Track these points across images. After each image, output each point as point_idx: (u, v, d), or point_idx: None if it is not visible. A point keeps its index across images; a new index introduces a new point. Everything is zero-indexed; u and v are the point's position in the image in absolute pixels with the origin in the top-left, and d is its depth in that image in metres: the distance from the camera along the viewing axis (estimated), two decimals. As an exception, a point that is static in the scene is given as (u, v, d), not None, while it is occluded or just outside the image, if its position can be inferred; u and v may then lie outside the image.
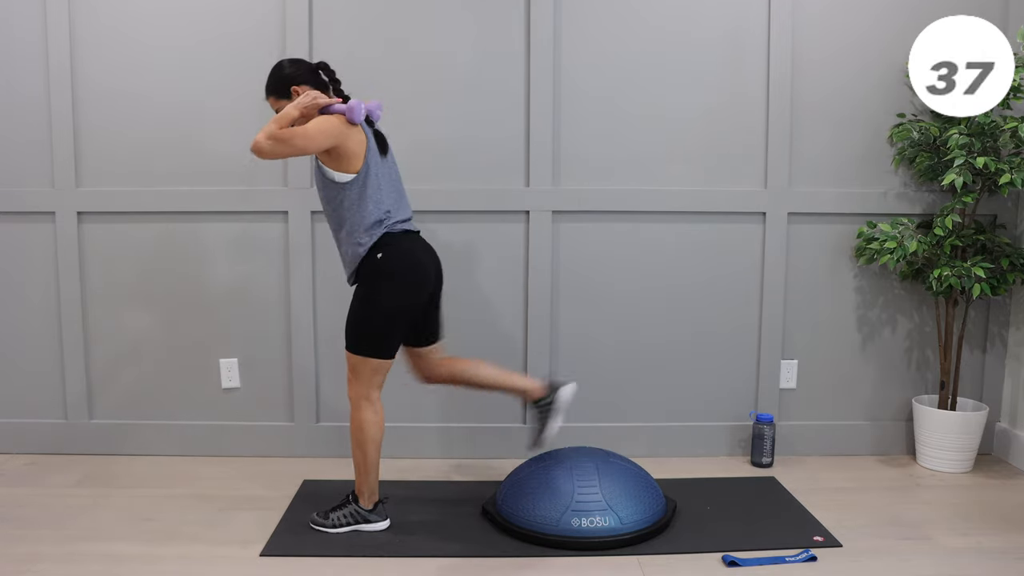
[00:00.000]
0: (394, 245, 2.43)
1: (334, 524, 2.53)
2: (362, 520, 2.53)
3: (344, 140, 2.33)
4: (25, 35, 3.06)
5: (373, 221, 2.41)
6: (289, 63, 2.48)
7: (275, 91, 2.48)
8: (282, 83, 2.46)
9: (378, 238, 2.42)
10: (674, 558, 2.37)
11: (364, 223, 2.40)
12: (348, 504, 2.55)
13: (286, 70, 2.46)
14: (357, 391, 2.47)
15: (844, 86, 3.13)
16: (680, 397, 3.25)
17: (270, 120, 2.26)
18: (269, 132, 2.23)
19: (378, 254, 2.41)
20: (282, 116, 2.28)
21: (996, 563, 2.34)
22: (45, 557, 2.35)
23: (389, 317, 2.42)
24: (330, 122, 2.31)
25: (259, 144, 2.22)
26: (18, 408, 3.24)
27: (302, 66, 2.48)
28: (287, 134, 2.24)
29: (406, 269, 2.43)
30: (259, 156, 2.25)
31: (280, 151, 2.24)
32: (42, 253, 3.16)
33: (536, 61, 3.06)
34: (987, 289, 2.92)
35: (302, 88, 2.45)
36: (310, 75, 2.48)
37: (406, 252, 2.45)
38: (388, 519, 2.57)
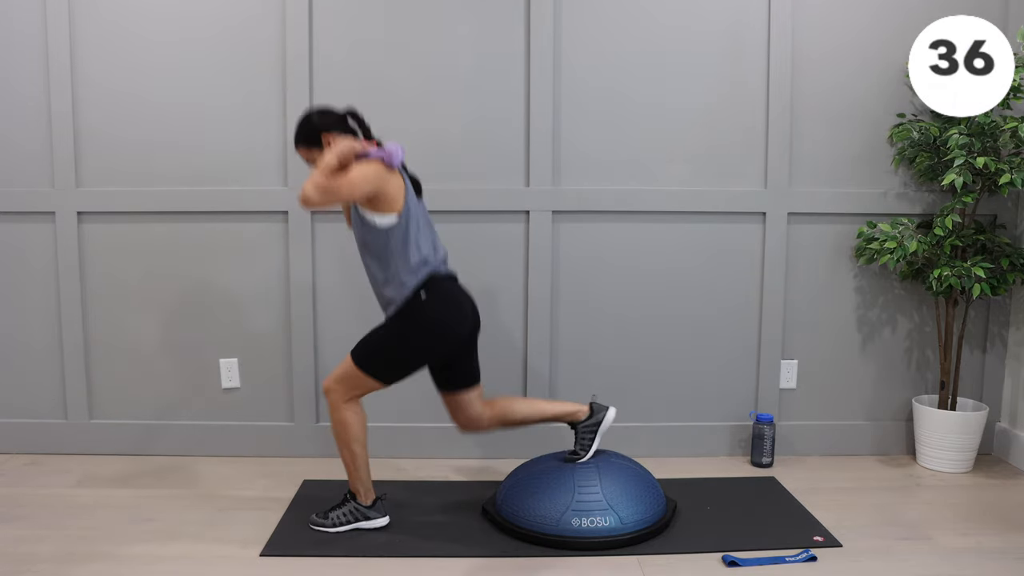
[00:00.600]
0: (438, 288, 2.44)
1: (334, 523, 2.53)
2: (362, 517, 2.53)
3: (385, 185, 2.34)
4: (25, 35, 3.06)
5: (417, 262, 2.42)
6: (318, 113, 2.46)
7: (306, 141, 2.46)
8: (313, 133, 2.45)
9: (424, 278, 2.43)
10: (674, 558, 2.37)
11: (409, 264, 2.41)
12: (347, 503, 2.55)
13: (315, 120, 2.45)
14: (340, 394, 2.47)
15: (844, 86, 3.13)
16: (680, 397, 3.25)
17: (313, 171, 2.28)
18: (316, 183, 2.24)
19: (422, 294, 2.42)
20: (324, 167, 2.28)
21: (996, 563, 2.34)
22: (45, 557, 2.35)
23: (410, 358, 2.45)
24: (371, 168, 2.32)
25: (308, 195, 2.24)
26: (18, 408, 3.24)
27: (331, 115, 2.47)
28: (333, 184, 2.25)
29: (446, 316, 2.44)
30: (307, 206, 2.26)
31: (328, 200, 2.26)
32: (42, 253, 3.16)
33: (536, 61, 3.06)
34: (987, 289, 2.92)
35: (332, 136, 2.44)
36: (339, 122, 2.47)
37: (449, 298, 2.46)
38: (387, 516, 2.58)
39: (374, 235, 2.40)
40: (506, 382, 3.21)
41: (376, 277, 2.46)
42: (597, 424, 2.59)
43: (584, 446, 2.58)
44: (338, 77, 3.07)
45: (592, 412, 2.61)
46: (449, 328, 2.45)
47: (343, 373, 2.47)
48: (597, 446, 2.61)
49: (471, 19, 3.07)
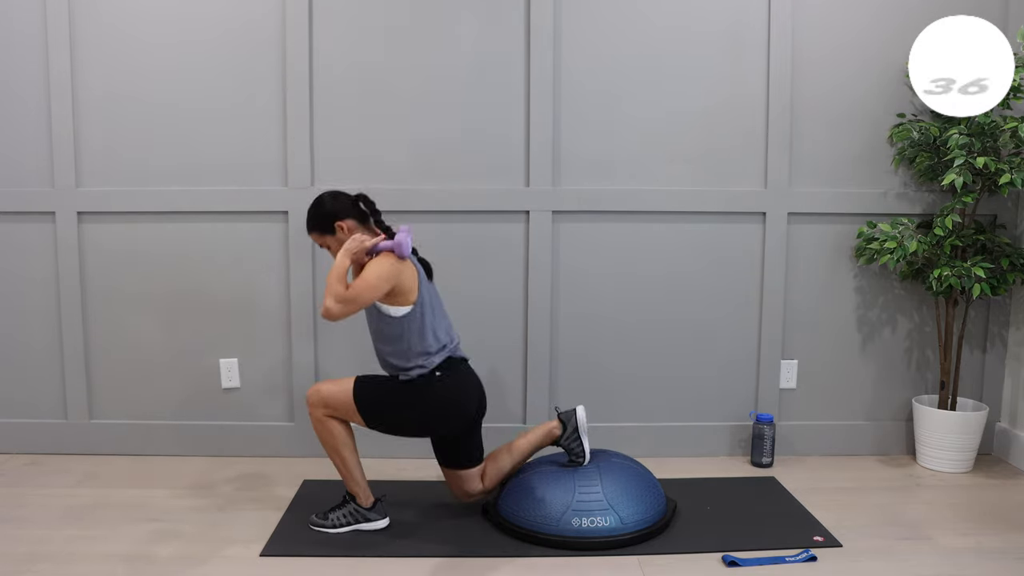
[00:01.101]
0: (454, 370, 2.50)
1: (334, 524, 2.53)
2: (361, 519, 2.54)
3: (399, 278, 2.37)
4: (25, 36, 3.06)
5: (437, 348, 2.47)
6: (330, 198, 2.49)
7: (318, 227, 2.49)
8: (325, 219, 2.47)
9: (441, 361, 2.47)
10: (674, 558, 2.37)
11: (428, 350, 2.45)
12: (347, 504, 2.55)
13: (327, 206, 2.47)
14: (324, 410, 2.46)
15: (844, 86, 3.13)
16: (680, 397, 3.25)
17: (329, 277, 2.33)
18: (337, 295, 2.29)
19: (437, 372, 2.46)
20: (337, 274, 2.33)
21: (996, 563, 2.34)
22: (45, 557, 2.35)
23: (405, 425, 2.50)
24: (385, 265, 2.35)
25: (330, 310, 2.29)
26: (18, 408, 3.24)
27: (341, 199, 2.49)
28: (352, 294, 2.30)
29: (455, 396, 2.50)
30: (330, 319, 2.31)
31: (350, 310, 2.31)
32: (42, 253, 3.16)
33: (536, 61, 3.06)
34: (987, 289, 2.92)
35: (345, 222, 2.46)
36: (351, 208, 2.49)
37: (461, 380, 2.52)
38: (387, 517, 2.58)
39: (390, 325, 2.44)
40: (506, 382, 3.21)
41: (392, 365, 2.49)
42: (575, 430, 2.60)
43: (577, 453, 2.58)
44: (338, 79, 3.07)
45: (564, 423, 2.63)
46: (455, 409, 2.50)
47: (334, 396, 2.46)
48: (589, 445, 2.61)
49: (471, 20, 3.07)
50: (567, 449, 2.60)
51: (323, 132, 3.10)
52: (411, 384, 2.46)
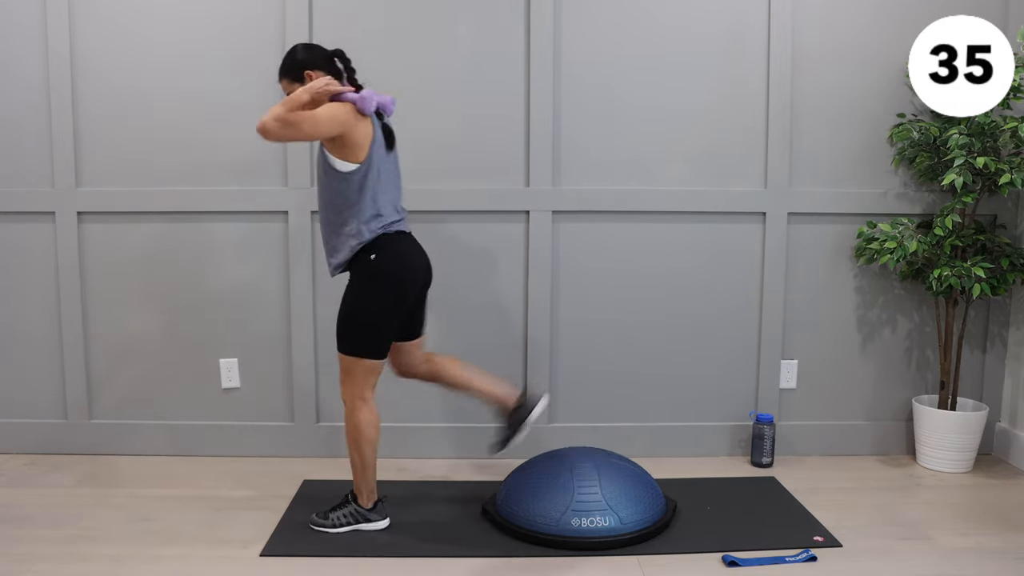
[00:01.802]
0: (388, 247, 2.43)
1: (334, 524, 2.53)
2: (362, 519, 2.53)
3: (351, 129, 2.31)
4: (25, 35, 3.06)
5: (370, 215, 2.40)
6: (303, 47, 2.46)
7: (288, 74, 2.46)
8: (296, 67, 2.44)
9: (374, 237, 2.41)
10: (674, 558, 2.37)
11: (361, 216, 2.39)
12: (348, 504, 2.55)
13: (300, 54, 2.44)
14: (351, 392, 2.47)
15: (844, 86, 3.13)
16: (680, 397, 3.25)
17: (280, 102, 2.25)
18: (276, 114, 2.20)
19: (372, 255, 2.41)
20: (292, 99, 2.25)
21: (996, 563, 2.34)
22: (45, 557, 2.35)
23: (380, 318, 2.43)
24: (340, 109, 2.29)
25: (266, 125, 2.20)
26: (18, 408, 3.24)
27: (317, 51, 2.46)
28: (295, 117, 2.20)
29: (398, 272, 2.43)
30: (265, 137, 2.22)
31: (286, 134, 2.21)
32: (42, 253, 3.16)
33: (536, 61, 3.06)
34: (987, 289, 2.92)
35: (316, 73, 2.43)
36: (325, 62, 2.45)
37: (399, 255, 2.45)
38: (388, 518, 2.57)
39: (332, 178, 2.39)
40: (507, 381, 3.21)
41: (327, 221, 2.45)
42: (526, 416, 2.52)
43: (505, 438, 2.54)
44: (338, 77, 3.07)
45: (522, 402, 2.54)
46: (402, 280, 2.43)
47: (342, 370, 2.48)
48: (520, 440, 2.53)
49: (471, 19, 3.07)
50: (503, 425, 2.55)
51: (323, 132, 3.10)
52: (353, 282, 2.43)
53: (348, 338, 2.44)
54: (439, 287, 3.08)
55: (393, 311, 2.44)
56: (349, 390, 2.47)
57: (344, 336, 2.45)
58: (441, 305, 3.15)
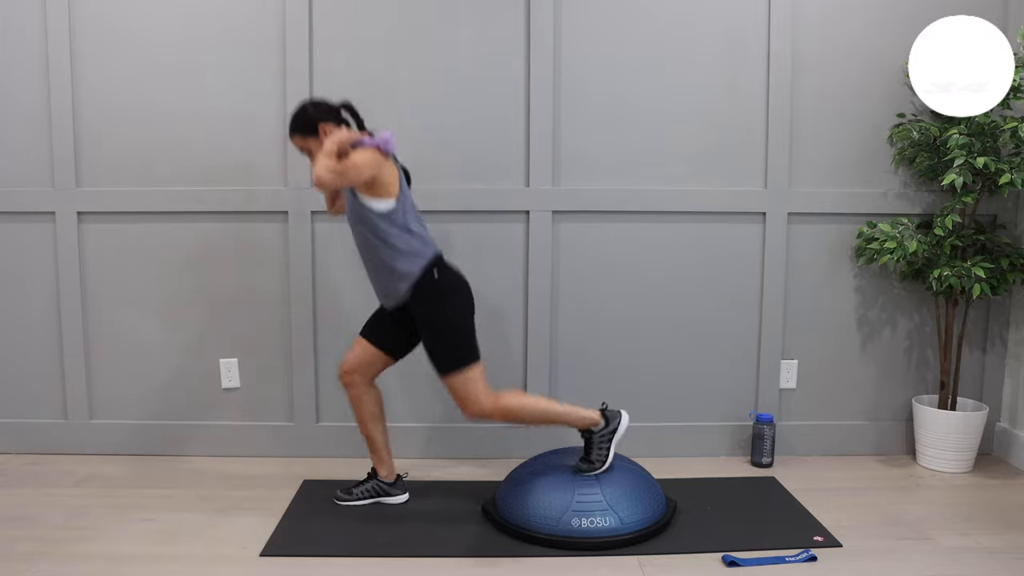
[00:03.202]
0: (443, 266, 2.54)
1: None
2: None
3: (381, 169, 2.41)
4: (25, 34, 3.06)
5: (418, 245, 2.50)
6: (312, 104, 2.53)
7: (302, 130, 2.53)
8: (308, 123, 2.52)
9: (430, 259, 2.50)
10: (674, 558, 2.37)
11: (411, 247, 2.48)
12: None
13: (311, 110, 2.52)
14: (481, 406, 2.48)
15: (844, 86, 3.13)
16: (680, 397, 3.25)
17: (319, 156, 2.34)
18: (328, 167, 2.31)
19: (434, 273, 2.50)
20: (328, 151, 2.34)
21: (996, 563, 2.34)
22: (45, 557, 2.35)
23: (466, 324, 2.51)
24: (368, 154, 2.38)
25: (322, 179, 2.30)
26: (18, 408, 3.24)
27: (326, 105, 2.54)
28: (342, 167, 2.32)
29: (462, 285, 2.54)
30: (322, 190, 2.35)
31: (340, 183, 2.33)
32: (42, 253, 3.16)
33: (536, 61, 3.06)
34: (987, 289, 2.92)
35: (329, 126, 2.51)
36: (334, 113, 2.54)
37: (455, 272, 2.56)
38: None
39: (373, 220, 2.46)
40: (506, 382, 3.21)
41: (378, 261, 2.51)
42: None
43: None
44: (338, 78, 3.07)
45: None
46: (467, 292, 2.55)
47: (460, 391, 2.49)
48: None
49: (471, 19, 3.07)
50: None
51: (323, 132, 3.10)
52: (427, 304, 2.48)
53: (452, 356, 2.48)
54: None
55: (472, 315, 2.54)
56: (477, 405, 2.48)
57: (445, 357, 2.49)
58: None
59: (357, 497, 2.72)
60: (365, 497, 2.72)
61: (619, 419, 2.57)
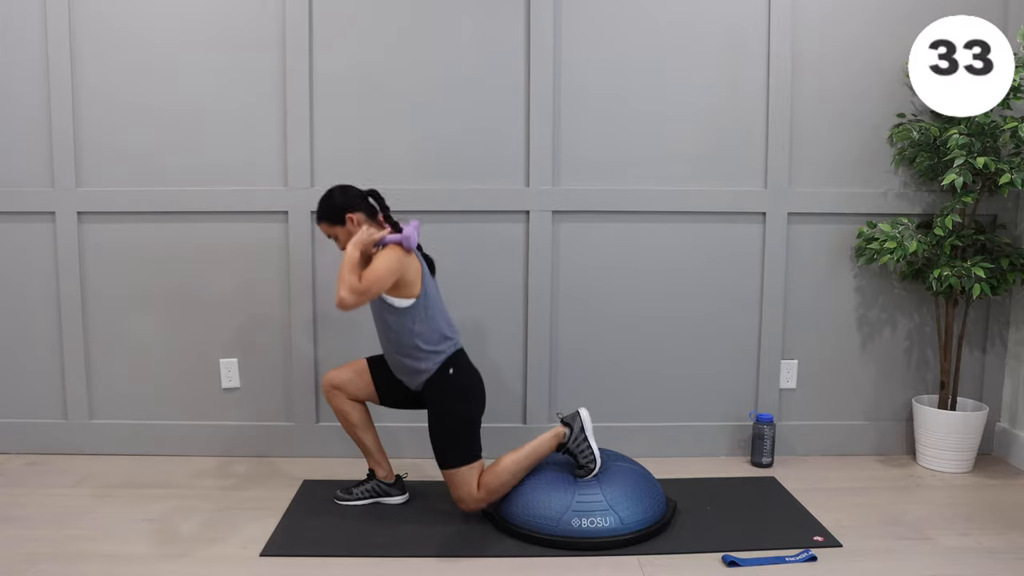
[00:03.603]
0: (461, 362, 2.60)
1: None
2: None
3: (405, 271, 2.44)
4: (25, 34, 3.06)
5: (439, 337, 2.54)
6: (340, 191, 2.56)
7: (328, 218, 2.56)
8: (336, 211, 2.54)
9: (448, 355, 2.55)
10: (674, 558, 2.37)
11: (431, 340, 2.53)
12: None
13: (338, 199, 2.55)
14: (474, 497, 2.53)
15: (844, 86, 3.13)
16: (680, 397, 3.25)
17: (341, 269, 2.38)
18: (351, 286, 2.35)
19: (450, 370, 2.55)
20: (349, 265, 2.39)
21: (996, 563, 2.34)
22: (45, 557, 2.35)
23: (473, 422, 2.56)
24: (392, 257, 2.42)
25: (345, 300, 2.34)
26: (18, 408, 3.24)
27: (352, 192, 2.57)
28: (365, 286, 2.36)
29: (475, 383, 2.60)
30: (346, 310, 2.37)
31: (363, 301, 2.37)
32: (42, 253, 3.16)
33: (536, 61, 3.06)
34: (987, 289, 2.92)
35: (356, 215, 2.53)
36: (361, 201, 2.57)
37: (472, 369, 2.63)
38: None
39: (394, 316, 2.51)
40: (506, 382, 3.21)
41: (397, 353, 2.56)
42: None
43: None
44: (338, 78, 3.07)
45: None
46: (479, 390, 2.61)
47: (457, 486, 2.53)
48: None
49: (471, 20, 3.07)
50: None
51: (323, 132, 3.10)
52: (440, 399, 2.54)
53: (455, 450, 2.53)
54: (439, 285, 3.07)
55: (480, 412, 2.59)
56: (470, 497, 2.54)
57: (449, 451, 2.53)
58: (441, 305, 3.15)
59: (357, 497, 2.72)
60: (365, 497, 2.73)
61: (578, 418, 2.58)
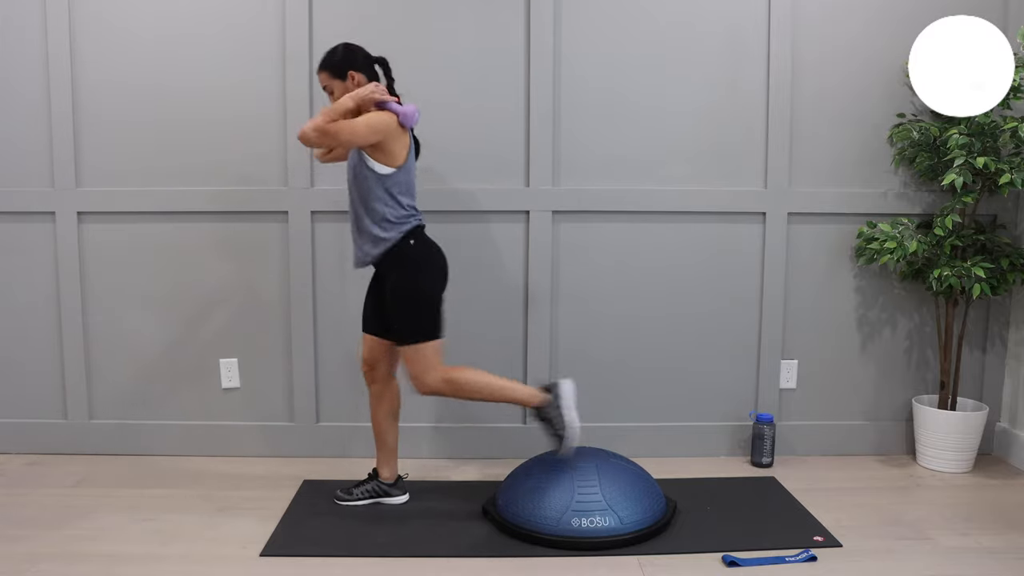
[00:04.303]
0: (422, 237, 2.52)
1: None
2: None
3: (393, 140, 2.39)
4: (25, 34, 3.06)
5: (404, 214, 2.48)
6: (345, 47, 2.50)
7: (331, 68, 2.49)
8: (341, 64, 2.48)
9: (411, 228, 2.49)
10: (674, 558, 2.37)
11: (395, 214, 2.47)
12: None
13: (342, 52, 2.48)
14: (433, 380, 2.48)
15: (844, 85, 3.13)
16: (680, 397, 3.25)
17: (322, 110, 2.30)
18: (316, 124, 2.27)
19: (410, 241, 2.48)
20: (336, 107, 2.31)
21: (996, 563, 2.34)
22: (45, 557, 2.35)
23: (433, 297, 2.50)
24: (382, 119, 2.35)
25: (306, 134, 2.28)
26: (18, 408, 3.24)
27: (361, 53, 2.51)
28: (334, 128, 2.28)
29: (437, 257, 2.53)
30: (305, 144, 2.31)
31: (325, 143, 2.29)
32: (42, 253, 3.16)
33: (536, 61, 3.06)
34: (987, 289, 2.92)
35: (358, 75, 2.48)
36: (368, 65, 2.51)
37: (433, 244, 2.55)
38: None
39: (368, 179, 2.44)
40: (506, 382, 3.21)
41: (361, 217, 2.49)
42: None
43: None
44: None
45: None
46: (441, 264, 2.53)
47: (412, 363, 2.47)
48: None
49: (471, 19, 3.07)
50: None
51: (323, 132, 3.10)
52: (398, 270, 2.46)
53: (413, 325, 2.47)
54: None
55: (439, 290, 2.52)
56: (428, 379, 2.47)
57: (406, 327, 2.47)
58: (441, 305, 3.15)
59: (357, 497, 2.71)
60: (365, 497, 2.72)
61: (558, 387, 2.51)
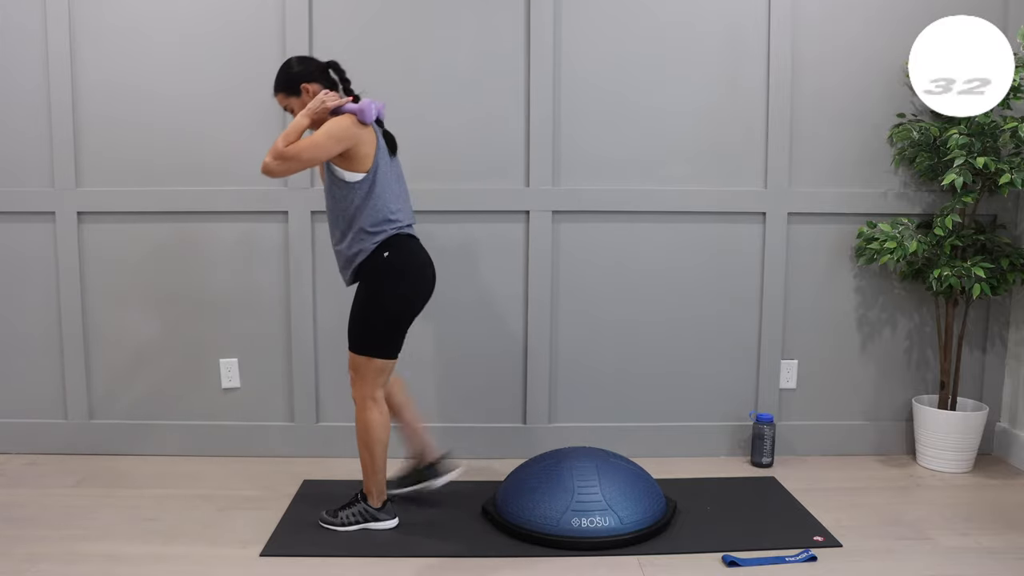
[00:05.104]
0: (400, 247, 2.43)
1: (343, 522, 2.53)
2: (371, 518, 2.53)
3: (355, 142, 2.33)
4: (25, 34, 3.06)
5: (381, 219, 2.41)
6: (298, 61, 2.47)
7: (284, 88, 2.46)
8: (291, 81, 2.44)
9: (386, 237, 2.41)
10: (674, 558, 2.37)
11: (371, 221, 2.39)
12: (357, 503, 2.54)
13: (295, 68, 2.44)
14: (362, 392, 2.46)
15: (844, 85, 3.13)
16: (680, 397, 3.25)
17: (279, 136, 2.27)
18: (275, 151, 2.24)
19: (384, 252, 2.41)
20: (292, 129, 2.28)
21: (996, 563, 2.34)
22: (45, 557, 2.35)
23: (394, 316, 2.43)
24: (340, 125, 2.30)
25: (267, 166, 2.25)
26: (18, 408, 3.24)
27: (311, 64, 2.47)
28: (293, 151, 2.24)
29: (410, 269, 2.44)
30: (270, 176, 2.27)
31: (291, 168, 2.25)
32: (42, 253, 3.16)
33: (536, 61, 3.06)
34: (987, 289, 2.92)
35: (313, 86, 2.43)
36: (320, 73, 2.46)
37: (413, 253, 2.46)
38: (397, 517, 2.57)
39: (340, 188, 2.39)
40: (506, 382, 3.21)
41: (337, 231, 2.45)
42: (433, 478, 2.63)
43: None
44: (338, 77, 3.07)
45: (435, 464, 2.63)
46: (417, 278, 2.45)
47: (353, 369, 2.47)
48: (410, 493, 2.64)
49: (471, 18, 3.07)
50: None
51: (323, 132, 3.10)
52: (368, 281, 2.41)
53: (361, 337, 2.43)
54: (439, 287, 3.08)
55: (406, 309, 2.45)
56: (360, 389, 2.46)
57: (357, 335, 2.44)
58: (441, 305, 3.15)
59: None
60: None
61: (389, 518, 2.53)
